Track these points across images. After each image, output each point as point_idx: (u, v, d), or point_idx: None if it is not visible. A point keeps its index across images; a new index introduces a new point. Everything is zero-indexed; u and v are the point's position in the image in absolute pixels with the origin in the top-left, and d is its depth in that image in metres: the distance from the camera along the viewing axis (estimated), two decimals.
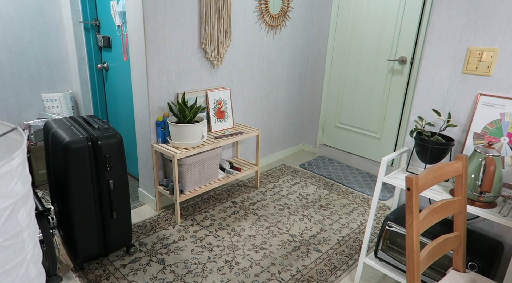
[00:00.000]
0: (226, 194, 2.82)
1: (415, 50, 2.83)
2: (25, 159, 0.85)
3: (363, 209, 2.69)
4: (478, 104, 1.58)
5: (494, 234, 1.64)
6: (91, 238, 1.86)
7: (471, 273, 1.36)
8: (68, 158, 1.65)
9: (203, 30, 2.45)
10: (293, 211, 2.60)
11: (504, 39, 1.48)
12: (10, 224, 0.78)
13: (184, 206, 2.60)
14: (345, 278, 1.97)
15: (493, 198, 1.41)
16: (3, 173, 0.74)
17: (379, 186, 1.66)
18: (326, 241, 2.28)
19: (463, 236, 1.31)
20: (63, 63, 3.02)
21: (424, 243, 1.57)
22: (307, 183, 3.07)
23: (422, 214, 1.11)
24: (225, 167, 2.78)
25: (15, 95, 2.79)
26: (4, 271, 0.78)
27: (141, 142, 2.50)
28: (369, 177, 3.25)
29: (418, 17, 2.75)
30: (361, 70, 3.21)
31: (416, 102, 1.79)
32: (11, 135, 0.90)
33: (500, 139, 1.53)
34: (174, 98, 2.44)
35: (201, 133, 2.33)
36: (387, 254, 1.75)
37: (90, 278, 1.86)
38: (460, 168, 1.26)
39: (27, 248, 0.84)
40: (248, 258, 2.08)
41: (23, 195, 0.81)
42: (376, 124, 3.22)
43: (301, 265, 2.05)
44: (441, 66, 1.67)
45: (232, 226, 2.38)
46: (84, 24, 2.92)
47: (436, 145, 1.57)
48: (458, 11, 1.57)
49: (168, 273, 1.93)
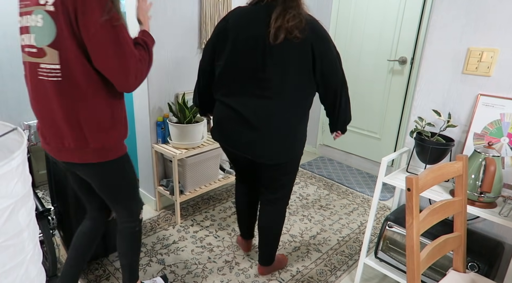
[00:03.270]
0: (226, 194, 2.82)
1: (415, 51, 2.83)
2: (25, 159, 0.85)
3: (363, 209, 2.69)
4: (478, 104, 1.58)
5: (494, 235, 1.64)
6: None
7: (471, 274, 1.36)
8: None
9: (203, 30, 2.45)
10: (293, 211, 2.60)
11: (504, 39, 1.48)
12: (10, 224, 0.78)
13: (184, 206, 2.60)
14: (345, 279, 1.97)
15: (493, 198, 1.41)
16: (3, 173, 0.74)
17: (379, 186, 1.65)
18: (326, 241, 2.28)
19: (463, 237, 1.31)
20: None
21: (424, 243, 1.57)
22: (307, 183, 3.07)
23: (422, 215, 1.11)
24: (225, 167, 2.78)
25: (15, 96, 2.79)
26: (4, 271, 0.78)
27: (141, 142, 2.49)
28: (369, 177, 3.25)
29: (418, 17, 2.75)
30: (361, 71, 3.21)
31: (416, 103, 1.79)
32: (11, 135, 0.90)
33: (500, 139, 1.53)
34: (174, 99, 2.44)
35: (201, 134, 2.33)
36: (387, 255, 1.75)
37: (90, 278, 1.86)
38: (460, 168, 1.26)
39: (27, 248, 0.84)
40: (248, 259, 2.08)
41: (23, 195, 0.81)
42: (376, 124, 3.22)
43: (301, 265, 2.05)
44: (441, 66, 1.67)
45: (232, 226, 2.38)
46: None
47: (436, 145, 1.57)
48: (458, 11, 1.57)
49: (168, 273, 1.93)
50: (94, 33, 1.09)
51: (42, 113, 1.23)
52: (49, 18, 1.09)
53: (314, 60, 1.43)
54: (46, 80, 1.15)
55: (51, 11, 1.08)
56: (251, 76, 1.44)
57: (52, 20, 1.09)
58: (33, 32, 1.13)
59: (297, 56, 1.41)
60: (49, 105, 1.19)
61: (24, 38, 1.17)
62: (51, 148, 1.28)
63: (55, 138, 1.24)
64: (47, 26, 1.10)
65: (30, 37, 1.14)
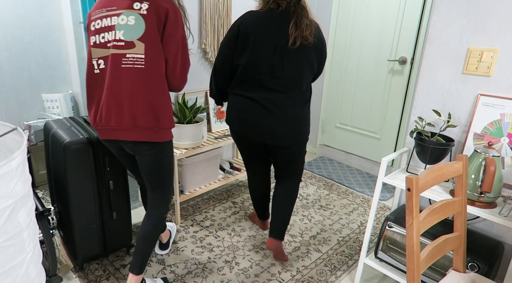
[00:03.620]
0: (226, 194, 2.82)
1: (415, 51, 2.83)
2: (25, 159, 0.85)
3: (363, 209, 2.69)
4: (478, 104, 1.58)
5: (494, 235, 1.64)
6: (91, 239, 1.85)
7: (471, 274, 1.36)
8: (68, 158, 1.65)
9: (203, 30, 2.45)
10: (293, 211, 2.60)
11: (504, 39, 1.48)
12: (10, 224, 0.78)
13: (184, 206, 2.60)
14: (345, 279, 1.97)
15: (493, 198, 1.41)
16: (3, 173, 0.74)
17: (379, 186, 1.66)
18: (326, 241, 2.28)
19: (463, 237, 1.31)
20: (63, 64, 3.03)
21: (424, 243, 1.57)
22: (307, 183, 3.07)
23: (422, 215, 1.11)
24: (225, 167, 2.78)
25: (15, 96, 2.79)
26: (4, 271, 0.78)
27: None
28: (369, 177, 3.25)
29: (418, 17, 2.75)
30: (361, 71, 3.21)
31: (416, 103, 1.79)
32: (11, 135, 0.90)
33: (500, 139, 1.53)
34: (174, 99, 2.43)
35: (201, 134, 2.33)
36: (387, 255, 1.75)
37: (90, 279, 1.86)
38: (460, 168, 1.26)
39: (27, 249, 0.84)
40: (248, 259, 2.08)
41: (23, 195, 0.81)
42: (376, 124, 3.22)
43: (301, 265, 2.05)
44: (441, 66, 1.67)
45: (232, 226, 2.38)
46: (84, 25, 2.92)
47: (436, 145, 1.57)
48: (459, 11, 1.57)
49: (168, 273, 1.93)
50: (173, 42, 1.43)
51: (116, 97, 1.42)
52: (141, 19, 1.40)
53: (317, 61, 1.79)
54: (129, 68, 1.40)
55: (144, 14, 1.40)
56: (268, 74, 1.69)
57: (143, 20, 1.40)
58: (121, 29, 1.40)
59: (308, 58, 1.72)
60: (128, 89, 1.41)
61: (105, 36, 1.43)
62: (113, 129, 1.46)
63: (127, 119, 1.43)
64: (138, 25, 1.40)
65: (116, 33, 1.41)
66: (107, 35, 1.44)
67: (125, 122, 1.44)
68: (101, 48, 1.45)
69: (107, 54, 1.44)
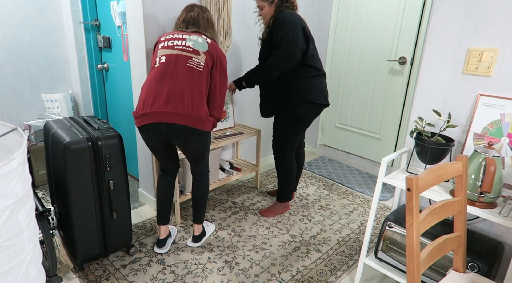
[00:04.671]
0: (226, 194, 2.82)
1: (415, 51, 2.83)
2: (25, 159, 0.85)
3: (363, 209, 2.69)
4: (478, 104, 1.58)
5: (494, 235, 1.64)
6: (91, 239, 1.85)
7: (471, 274, 1.36)
8: (68, 158, 1.65)
9: None
10: (293, 211, 2.60)
11: (504, 39, 1.48)
12: (10, 225, 0.78)
13: (184, 206, 2.60)
14: (345, 279, 1.97)
15: (493, 198, 1.41)
16: (3, 173, 0.74)
17: (379, 186, 1.66)
18: (326, 241, 2.28)
19: (463, 237, 1.31)
20: (63, 64, 3.03)
21: (424, 243, 1.57)
22: (307, 183, 3.07)
23: (422, 215, 1.11)
24: (225, 167, 2.78)
25: (15, 96, 2.79)
26: (4, 271, 0.78)
27: (141, 142, 2.49)
28: (369, 177, 3.25)
29: (418, 17, 2.75)
30: (361, 71, 3.21)
31: (416, 103, 1.79)
32: (11, 135, 0.90)
33: (500, 139, 1.53)
34: None
35: None
36: (387, 255, 1.75)
37: (90, 279, 1.86)
38: (460, 169, 1.26)
39: (27, 249, 0.84)
40: (248, 259, 2.08)
41: (23, 195, 0.81)
42: (376, 124, 3.22)
43: (301, 265, 2.05)
44: (441, 66, 1.67)
45: (232, 227, 2.38)
46: (84, 25, 2.92)
47: (436, 145, 1.57)
48: (458, 11, 1.57)
49: (168, 273, 1.93)
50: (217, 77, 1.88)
51: (176, 88, 1.75)
52: (205, 42, 1.86)
53: None
54: (192, 68, 1.79)
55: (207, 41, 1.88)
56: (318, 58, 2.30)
57: (207, 43, 1.86)
58: (191, 41, 1.83)
59: None
60: (189, 83, 1.77)
61: (174, 42, 1.83)
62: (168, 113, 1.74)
63: (184, 107, 1.74)
64: (203, 43, 1.85)
65: (186, 42, 1.82)
66: (176, 41, 1.83)
67: (184, 109, 1.74)
68: (168, 49, 1.82)
69: (170, 53, 1.80)
